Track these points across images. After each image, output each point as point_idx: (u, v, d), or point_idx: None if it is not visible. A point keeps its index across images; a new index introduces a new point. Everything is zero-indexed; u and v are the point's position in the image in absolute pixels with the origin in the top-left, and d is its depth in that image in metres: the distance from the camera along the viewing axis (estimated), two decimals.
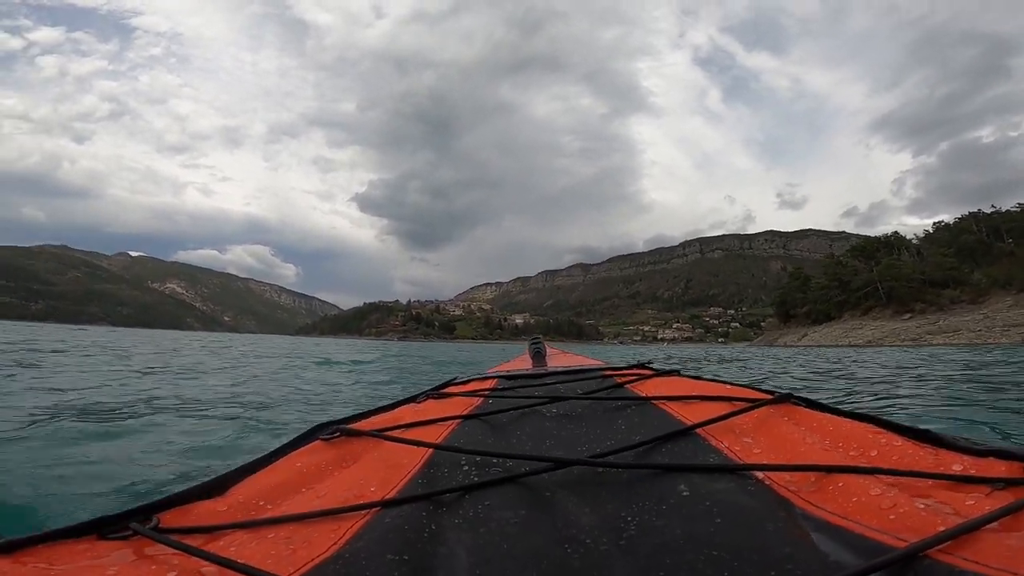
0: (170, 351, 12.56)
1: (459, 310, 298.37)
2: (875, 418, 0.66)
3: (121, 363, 7.79)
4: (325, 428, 0.81)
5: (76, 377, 5.50)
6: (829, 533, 0.44)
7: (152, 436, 2.75)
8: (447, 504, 0.58)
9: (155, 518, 0.54)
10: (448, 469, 0.68)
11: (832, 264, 69.90)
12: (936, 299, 52.59)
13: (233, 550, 0.49)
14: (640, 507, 0.53)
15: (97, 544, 0.49)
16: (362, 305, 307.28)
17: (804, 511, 0.48)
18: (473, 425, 0.89)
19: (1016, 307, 42.41)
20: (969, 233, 61.11)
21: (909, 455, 0.56)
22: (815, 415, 0.73)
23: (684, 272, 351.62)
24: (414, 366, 11.78)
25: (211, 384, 5.61)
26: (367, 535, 0.51)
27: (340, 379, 7.34)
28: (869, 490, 0.49)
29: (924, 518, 0.43)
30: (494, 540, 0.49)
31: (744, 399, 0.81)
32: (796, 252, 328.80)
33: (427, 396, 1.09)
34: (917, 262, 58.95)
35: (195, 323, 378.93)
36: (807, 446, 0.63)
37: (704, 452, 0.67)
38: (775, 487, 0.54)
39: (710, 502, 0.51)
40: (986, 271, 52.35)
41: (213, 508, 0.58)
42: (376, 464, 0.70)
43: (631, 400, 0.95)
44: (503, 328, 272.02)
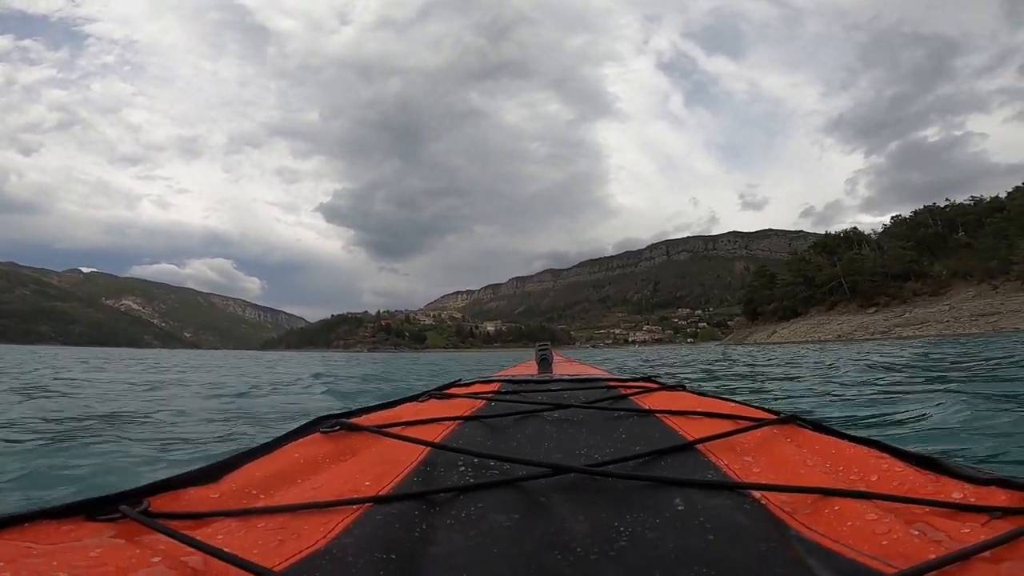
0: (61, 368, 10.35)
1: (429, 319, 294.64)
2: (879, 443, 0.66)
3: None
4: (326, 421, 0.80)
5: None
6: (820, 557, 0.43)
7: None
8: (440, 504, 0.57)
9: (145, 501, 0.53)
10: (445, 469, 0.67)
11: (796, 261, 70.66)
12: (899, 292, 53.32)
13: (221, 538, 0.48)
14: (634, 518, 0.52)
15: (84, 525, 0.49)
16: (330, 317, 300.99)
17: (798, 533, 0.48)
18: (473, 427, 0.89)
19: (979, 297, 43.05)
20: (926, 227, 62.37)
21: (910, 481, 0.56)
22: (819, 437, 0.73)
23: (652, 274, 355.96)
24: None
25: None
26: (357, 530, 0.50)
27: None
28: (865, 515, 0.49)
29: (917, 545, 0.43)
30: (485, 543, 0.48)
31: (748, 418, 0.81)
32: (758, 252, 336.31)
33: (429, 396, 1.09)
34: (878, 256, 59.79)
35: (153, 340, 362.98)
36: (807, 468, 0.63)
37: (703, 468, 0.66)
38: (771, 507, 0.53)
39: (704, 518, 0.51)
40: (945, 263, 53.43)
41: (205, 495, 0.58)
42: (373, 460, 0.69)
43: (633, 412, 0.95)
44: (475, 336, 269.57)
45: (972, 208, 59.75)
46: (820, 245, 70.89)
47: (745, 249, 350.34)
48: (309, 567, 0.44)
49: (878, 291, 54.82)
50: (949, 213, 62.33)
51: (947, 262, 53.22)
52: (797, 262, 69.37)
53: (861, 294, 55.89)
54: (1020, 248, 43.63)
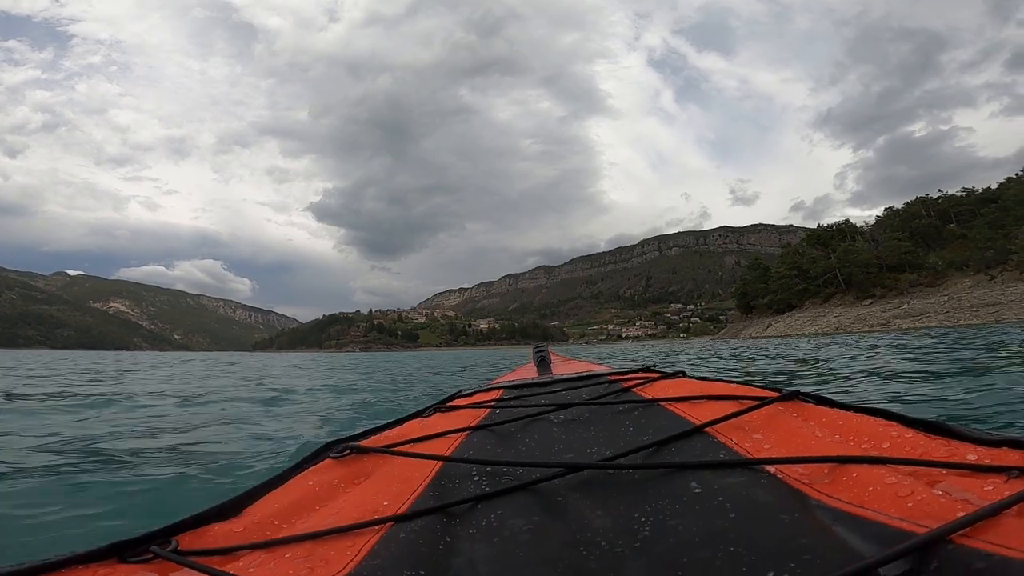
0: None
1: (422, 318, 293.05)
2: (885, 411, 0.66)
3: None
4: (335, 446, 0.80)
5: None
6: (846, 522, 0.43)
7: None
8: (460, 515, 0.57)
9: (174, 540, 0.53)
10: (459, 480, 0.68)
11: (790, 253, 69.99)
12: (895, 283, 52.84)
13: (252, 571, 0.49)
14: (653, 507, 0.52)
15: (118, 568, 0.49)
16: (321, 318, 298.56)
17: (819, 502, 0.48)
18: (481, 436, 0.90)
19: (977, 288, 42.60)
20: (920, 218, 62.02)
21: (922, 446, 0.56)
22: (824, 410, 0.73)
23: (644, 270, 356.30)
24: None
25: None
26: (383, 550, 0.50)
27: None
28: (884, 479, 0.49)
29: (943, 504, 0.43)
30: (509, 548, 0.48)
31: (751, 397, 0.82)
32: (748, 246, 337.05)
33: (434, 410, 1.10)
34: (872, 247, 59.35)
35: (142, 343, 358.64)
36: (818, 440, 0.63)
37: (714, 450, 0.67)
38: (788, 480, 0.53)
39: (723, 498, 0.51)
40: (940, 254, 53.01)
41: (230, 529, 0.58)
42: (387, 479, 0.70)
43: (638, 403, 0.95)
44: (468, 334, 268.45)
45: (964, 199, 59.46)
46: (814, 237, 70.33)
47: (736, 244, 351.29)
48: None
49: (874, 283, 54.35)
50: (942, 204, 62.08)
51: (942, 253, 52.86)
52: (791, 254, 68.70)
53: (856, 286, 55.40)
54: (1018, 237, 43.36)
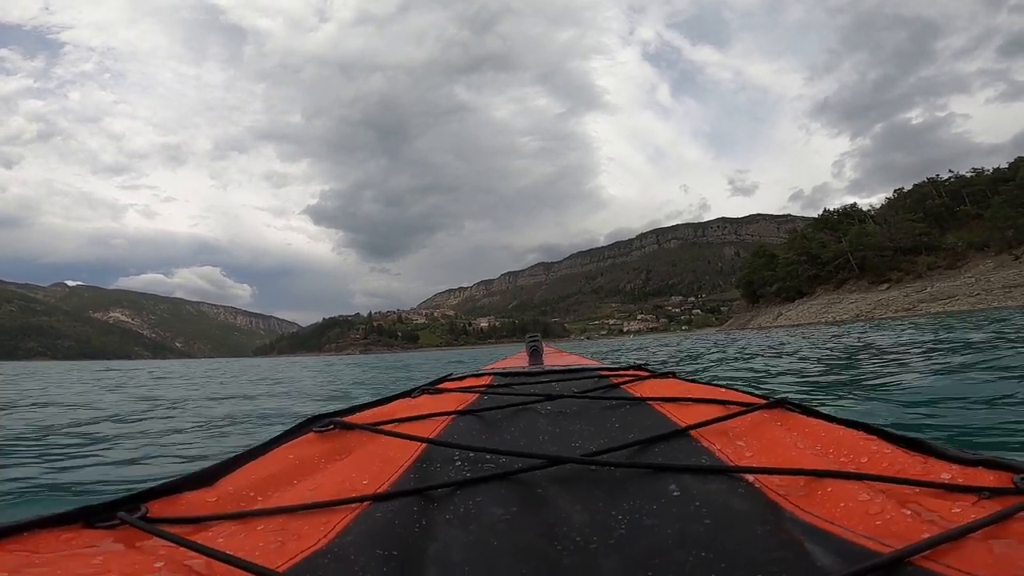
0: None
1: (422, 318, 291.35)
2: (867, 425, 0.67)
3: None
4: (319, 420, 0.80)
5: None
6: (816, 537, 0.44)
7: None
8: (438, 499, 0.57)
9: (143, 507, 0.53)
10: (441, 464, 0.68)
11: (798, 238, 68.02)
12: (912, 266, 50.87)
13: (222, 541, 0.48)
14: (631, 506, 0.53)
15: (84, 532, 0.49)
16: (321, 321, 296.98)
17: (793, 515, 0.49)
18: (467, 421, 0.89)
19: (1001, 268, 40.78)
20: (933, 198, 60.07)
21: (899, 462, 0.57)
22: (808, 421, 0.73)
23: (644, 264, 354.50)
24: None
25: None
26: (357, 528, 0.50)
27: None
28: (857, 496, 0.49)
29: (910, 524, 0.44)
30: (484, 536, 0.49)
31: (738, 403, 0.82)
32: (747, 237, 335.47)
33: (422, 391, 1.09)
34: (885, 230, 57.36)
35: (143, 351, 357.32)
36: (798, 451, 0.64)
37: (696, 453, 0.67)
38: (765, 490, 0.54)
39: (700, 503, 0.52)
40: (958, 234, 51.04)
41: (203, 498, 0.58)
42: (369, 458, 0.69)
43: (626, 400, 0.95)
44: (468, 333, 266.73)
45: (975, 179, 57.80)
46: (822, 222, 68.38)
47: (735, 235, 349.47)
48: (312, 566, 0.44)
49: (889, 266, 52.55)
50: (953, 185, 60.31)
51: (959, 233, 51.01)
52: (799, 239, 66.71)
53: (871, 270, 53.57)
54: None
